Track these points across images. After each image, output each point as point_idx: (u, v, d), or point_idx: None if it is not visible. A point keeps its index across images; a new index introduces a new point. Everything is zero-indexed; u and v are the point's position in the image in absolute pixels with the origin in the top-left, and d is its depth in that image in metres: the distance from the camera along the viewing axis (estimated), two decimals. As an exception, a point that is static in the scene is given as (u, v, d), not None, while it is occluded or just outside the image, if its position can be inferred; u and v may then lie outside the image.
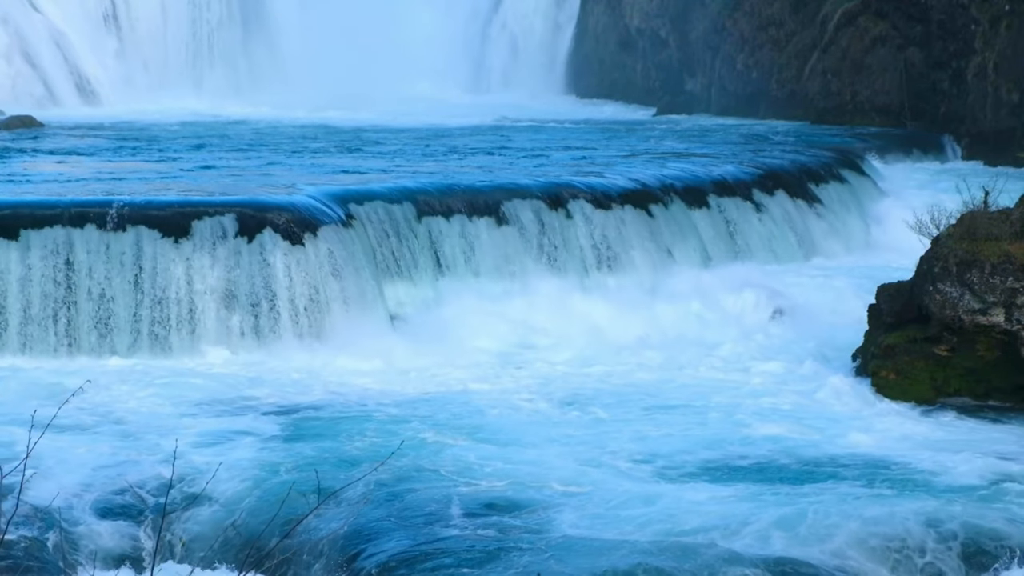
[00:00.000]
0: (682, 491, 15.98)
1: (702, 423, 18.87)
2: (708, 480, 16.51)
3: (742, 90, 53.52)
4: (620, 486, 16.14)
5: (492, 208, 25.97)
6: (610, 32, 62.67)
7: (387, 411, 19.37)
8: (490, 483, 16.15)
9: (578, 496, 15.76)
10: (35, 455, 12.38)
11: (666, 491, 15.98)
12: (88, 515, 15.52)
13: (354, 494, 15.28)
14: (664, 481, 16.42)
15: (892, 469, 16.80)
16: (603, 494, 15.80)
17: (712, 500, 15.65)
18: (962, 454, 17.27)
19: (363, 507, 15.10)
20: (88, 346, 22.00)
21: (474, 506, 15.43)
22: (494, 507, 15.42)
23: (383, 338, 22.77)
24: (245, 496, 15.68)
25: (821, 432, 18.43)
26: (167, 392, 20.20)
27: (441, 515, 15.18)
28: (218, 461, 16.06)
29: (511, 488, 16.00)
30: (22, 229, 22.44)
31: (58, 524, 15.18)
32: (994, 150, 41.64)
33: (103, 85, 57.22)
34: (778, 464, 17.04)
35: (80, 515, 15.50)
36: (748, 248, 28.87)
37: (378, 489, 15.69)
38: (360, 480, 14.96)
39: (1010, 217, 20.28)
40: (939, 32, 46.33)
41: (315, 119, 49.39)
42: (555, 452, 17.43)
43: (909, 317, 20.48)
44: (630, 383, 21.00)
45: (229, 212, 23.20)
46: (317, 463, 16.53)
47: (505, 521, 15.00)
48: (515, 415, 19.22)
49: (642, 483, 16.30)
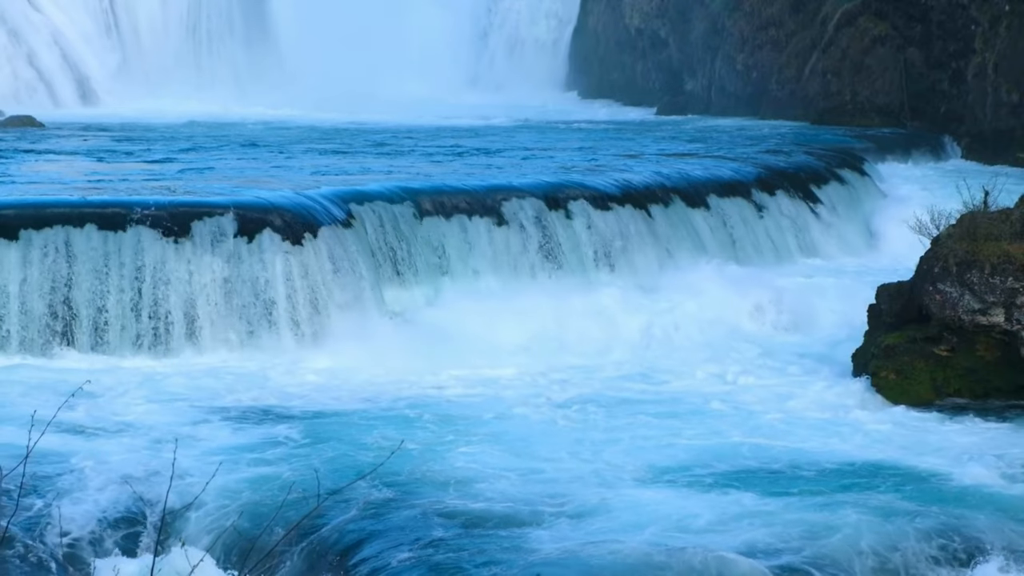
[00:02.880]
0: (681, 493, 15.96)
1: (700, 424, 18.84)
2: (708, 481, 16.48)
3: (742, 90, 53.53)
4: (621, 488, 16.13)
5: (492, 208, 25.97)
6: (610, 32, 62.70)
7: (387, 411, 19.36)
8: (490, 484, 16.14)
9: (578, 497, 15.75)
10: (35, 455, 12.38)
11: (664, 493, 15.97)
12: (88, 515, 15.51)
13: (354, 495, 15.27)
14: (663, 483, 16.40)
15: (892, 469, 16.78)
16: (603, 496, 15.78)
17: (708, 502, 15.63)
18: (962, 454, 17.26)
19: (363, 508, 15.09)
20: (87, 346, 21.99)
21: (474, 507, 15.42)
22: (494, 508, 15.40)
23: (383, 338, 22.75)
24: (245, 496, 15.67)
25: (820, 432, 18.41)
26: (166, 392, 20.19)
27: (440, 517, 15.17)
28: (218, 461, 16.05)
29: (511, 489, 15.99)
30: (22, 229, 22.43)
31: (58, 524, 15.17)
32: (994, 150, 41.64)
33: (103, 85, 57.26)
34: (777, 465, 17.01)
35: (80, 515, 15.48)
36: (748, 248, 28.86)
37: (377, 490, 15.68)
38: (360, 481, 14.95)
39: (1010, 217, 20.28)
40: (939, 32, 46.34)
41: (315, 119, 49.41)
42: (555, 454, 17.41)
43: (909, 317, 20.48)
44: (630, 385, 20.98)
45: (229, 212, 23.21)
46: (317, 463, 16.53)
47: (504, 523, 14.99)
48: (514, 416, 19.21)
49: (642, 484, 16.28)
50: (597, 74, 63.49)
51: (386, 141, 39.43)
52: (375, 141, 39.54)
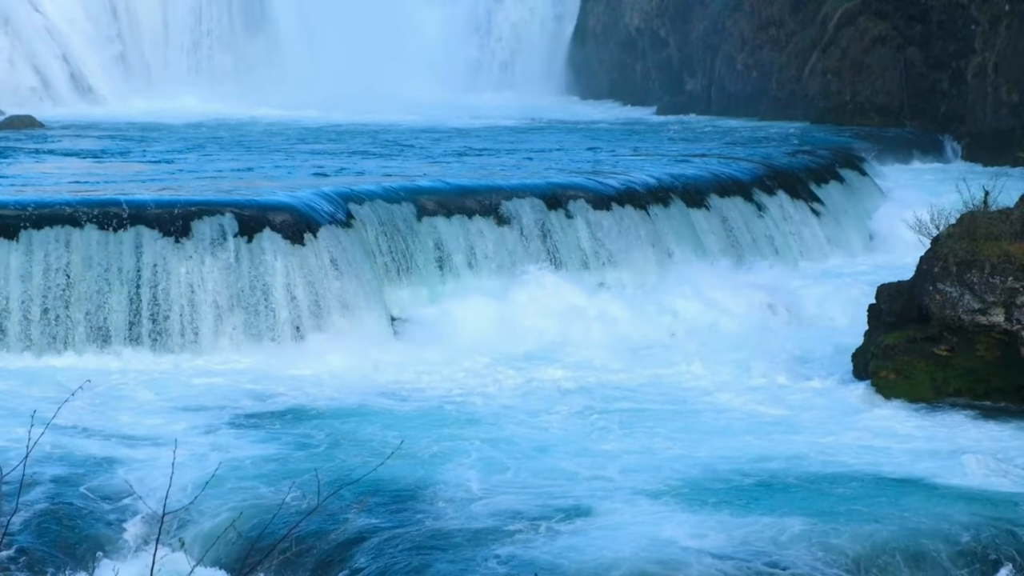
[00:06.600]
0: (681, 493, 15.96)
1: (701, 424, 18.85)
2: (708, 481, 16.47)
3: (742, 90, 53.54)
4: (621, 488, 16.13)
5: (492, 208, 25.98)
6: (610, 32, 62.68)
7: (386, 411, 19.36)
8: (489, 485, 16.15)
9: (578, 498, 15.75)
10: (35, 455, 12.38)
11: (664, 493, 15.97)
12: (87, 515, 15.52)
13: (353, 495, 15.28)
14: (663, 483, 16.40)
15: (892, 470, 16.78)
16: (604, 496, 15.79)
17: (708, 502, 15.63)
18: (962, 455, 17.26)
19: (362, 508, 15.09)
20: (88, 346, 22.00)
21: (473, 508, 15.42)
22: (493, 509, 15.41)
23: (383, 338, 22.77)
24: (245, 496, 15.68)
25: (819, 432, 18.41)
26: (166, 392, 20.20)
27: (440, 517, 15.17)
28: (217, 461, 16.06)
29: (510, 491, 16.00)
30: (22, 229, 22.44)
31: (58, 524, 15.18)
32: (994, 150, 41.63)
33: (103, 85, 57.25)
34: (775, 464, 17.00)
35: (79, 515, 15.49)
36: (748, 248, 28.86)
37: (377, 490, 15.69)
38: (359, 481, 14.95)
39: (1010, 217, 20.28)
40: (939, 32, 46.35)
41: (315, 119, 49.44)
42: (555, 455, 17.42)
43: (909, 317, 20.48)
44: (630, 385, 20.98)
45: (229, 212, 23.21)
46: (317, 463, 16.53)
47: (504, 524, 14.99)
48: (514, 417, 19.21)
49: (642, 484, 16.28)
50: (597, 74, 63.48)
51: (386, 141, 39.44)
52: (375, 141, 39.55)
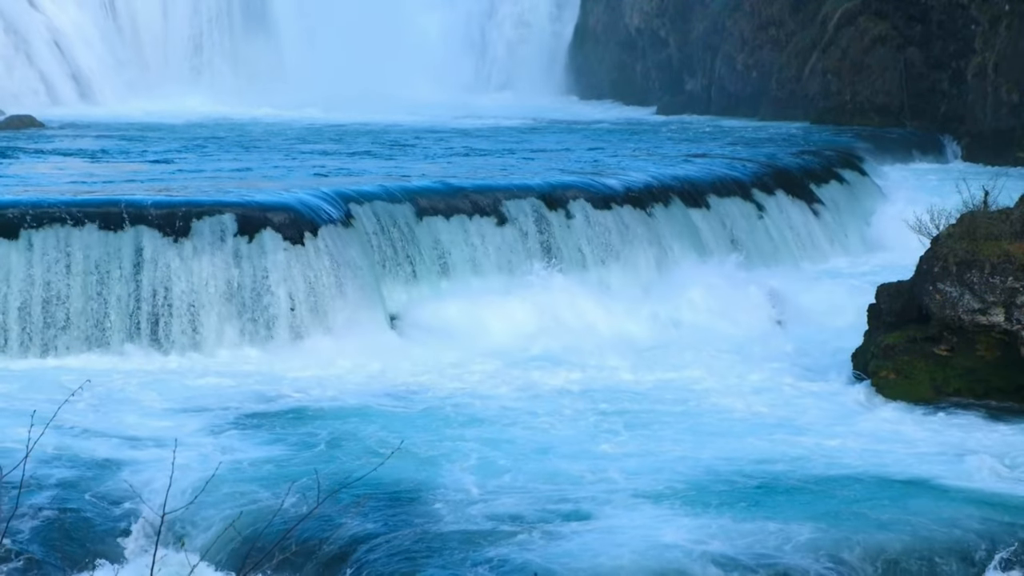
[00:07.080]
0: (681, 493, 15.95)
1: (701, 424, 18.84)
2: (708, 481, 16.47)
3: (742, 90, 53.53)
4: (620, 489, 16.12)
5: (492, 208, 25.97)
6: (610, 32, 62.66)
7: (387, 411, 19.36)
8: (489, 486, 16.14)
9: (579, 498, 15.75)
10: (35, 455, 12.37)
11: (663, 494, 15.96)
12: (87, 515, 15.52)
13: (353, 495, 15.27)
14: (662, 484, 16.39)
15: (892, 470, 16.77)
16: (603, 496, 15.78)
17: (708, 502, 15.63)
18: (962, 455, 17.26)
19: (362, 508, 15.09)
20: (88, 346, 21.99)
21: (473, 509, 15.42)
22: (493, 509, 15.40)
23: (382, 338, 22.77)
24: (244, 496, 15.67)
25: (819, 432, 18.40)
26: (166, 392, 20.20)
27: (439, 518, 15.17)
28: (217, 461, 16.06)
29: (510, 491, 15.99)
30: (22, 229, 22.44)
31: (58, 524, 15.17)
32: (994, 150, 41.63)
33: (103, 85, 57.22)
34: (775, 465, 16.99)
35: (79, 515, 15.49)
36: (748, 248, 28.86)
37: (376, 490, 15.69)
38: (359, 481, 14.95)
39: (1010, 217, 20.28)
40: (939, 32, 46.34)
41: (315, 119, 49.44)
42: (555, 456, 17.42)
43: (909, 317, 20.48)
44: (631, 385, 20.97)
45: (229, 212, 23.20)
46: (316, 463, 16.53)
47: (503, 525, 14.98)
48: (514, 417, 19.21)
49: (642, 485, 16.28)
50: (597, 74, 63.46)
51: (386, 141, 39.44)
52: (376, 141, 39.55)
